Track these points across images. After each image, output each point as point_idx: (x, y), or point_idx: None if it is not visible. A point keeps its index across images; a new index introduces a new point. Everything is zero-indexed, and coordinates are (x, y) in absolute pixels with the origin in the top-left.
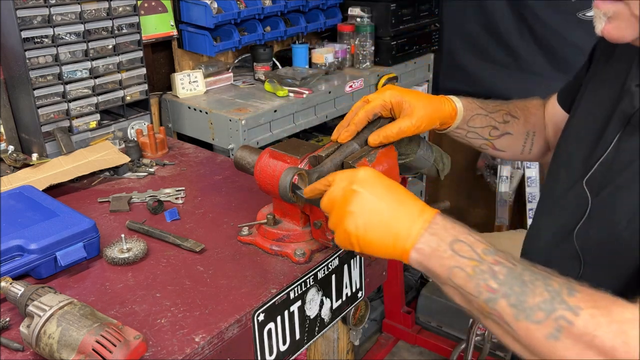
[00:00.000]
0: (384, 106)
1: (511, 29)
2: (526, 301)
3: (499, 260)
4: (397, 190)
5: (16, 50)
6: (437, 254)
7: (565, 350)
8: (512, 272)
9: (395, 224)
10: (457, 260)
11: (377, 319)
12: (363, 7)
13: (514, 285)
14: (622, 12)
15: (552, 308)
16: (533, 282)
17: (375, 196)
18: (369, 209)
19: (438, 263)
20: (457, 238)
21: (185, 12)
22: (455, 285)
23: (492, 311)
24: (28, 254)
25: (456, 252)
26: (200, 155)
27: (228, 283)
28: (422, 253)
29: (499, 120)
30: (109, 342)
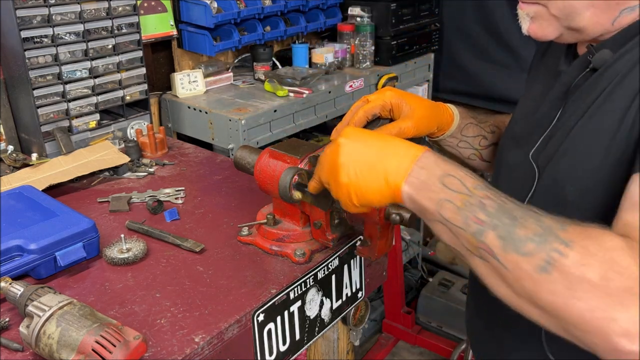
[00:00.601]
0: (384, 107)
1: (511, 28)
2: (515, 232)
3: (489, 195)
4: (382, 136)
5: (16, 50)
6: (427, 187)
7: (555, 284)
8: (502, 207)
9: (384, 163)
10: (447, 193)
11: (377, 319)
12: (363, 6)
13: (503, 218)
14: (542, 12)
15: (544, 240)
16: (524, 217)
17: (361, 143)
18: (357, 156)
19: (427, 196)
20: (448, 172)
21: (185, 12)
22: (443, 219)
23: (479, 244)
24: (28, 254)
25: (446, 185)
26: (200, 155)
27: (228, 283)
28: (413, 186)
29: (487, 130)
30: (108, 343)
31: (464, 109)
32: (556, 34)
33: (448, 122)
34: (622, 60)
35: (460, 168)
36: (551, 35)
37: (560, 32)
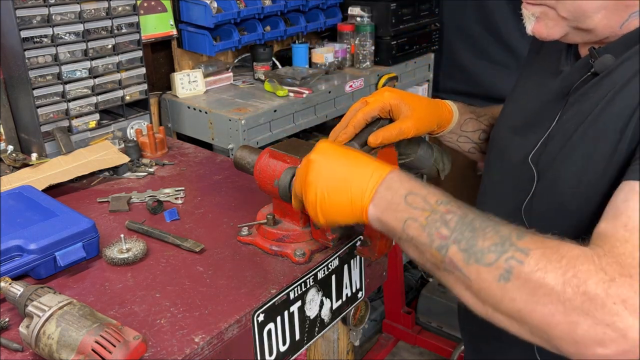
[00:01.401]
0: (383, 108)
1: (511, 28)
2: (476, 244)
3: (450, 209)
4: (353, 154)
5: (15, 50)
6: (392, 207)
7: (516, 291)
8: (463, 219)
9: (350, 183)
10: (411, 212)
11: (377, 319)
12: (363, 6)
13: (464, 231)
14: (548, 12)
15: (503, 250)
16: (483, 228)
17: (330, 161)
18: (325, 175)
19: (393, 216)
20: (411, 191)
21: (185, 12)
22: (409, 237)
23: (444, 259)
24: (27, 254)
25: (410, 204)
26: (200, 155)
27: (228, 283)
28: (378, 207)
29: (486, 124)
30: (108, 343)
31: (463, 105)
32: (562, 33)
33: (447, 119)
34: (623, 67)
35: (424, 185)
36: (557, 35)
37: (566, 31)
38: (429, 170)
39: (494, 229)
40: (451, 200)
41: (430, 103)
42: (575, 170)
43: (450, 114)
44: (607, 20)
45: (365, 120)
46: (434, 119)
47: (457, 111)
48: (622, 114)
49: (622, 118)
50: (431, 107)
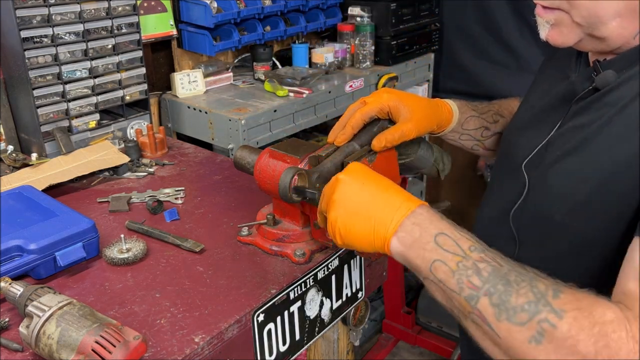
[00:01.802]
0: (382, 109)
1: (511, 28)
2: (509, 301)
3: (484, 258)
4: (382, 181)
5: (15, 50)
6: (419, 244)
7: (547, 355)
8: (497, 271)
9: (375, 211)
10: (440, 254)
11: (377, 319)
12: (363, 6)
13: (497, 284)
14: (563, 18)
15: (537, 310)
16: (518, 283)
17: (358, 184)
18: (350, 197)
19: (420, 255)
20: (442, 231)
21: (185, 12)
22: (436, 279)
23: (473, 310)
24: (27, 254)
25: (440, 245)
26: (200, 155)
27: (228, 283)
28: (404, 242)
29: (489, 121)
30: (108, 343)
31: (464, 103)
32: (576, 40)
33: (447, 119)
34: (625, 86)
35: (455, 227)
36: (571, 42)
37: (581, 38)
38: (429, 170)
39: (529, 284)
40: (485, 249)
41: (429, 103)
42: (564, 186)
43: (450, 113)
44: (621, 29)
45: (363, 121)
46: (434, 119)
47: (457, 110)
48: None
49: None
50: (430, 108)
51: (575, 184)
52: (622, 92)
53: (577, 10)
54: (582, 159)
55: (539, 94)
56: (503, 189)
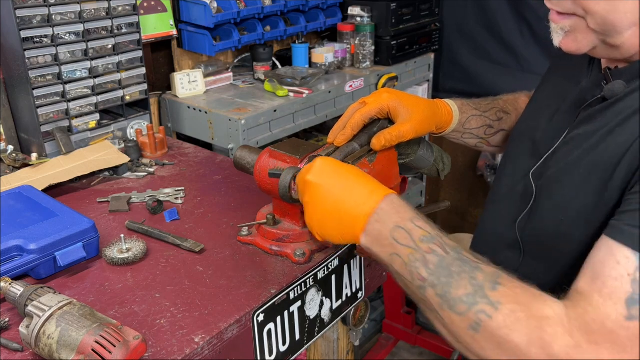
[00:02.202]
0: (381, 110)
1: (512, 28)
2: (450, 292)
3: (432, 248)
4: (349, 176)
5: (16, 50)
6: (380, 240)
7: (484, 342)
8: (442, 262)
9: (344, 212)
10: (395, 248)
11: (377, 319)
12: (363, 6)
13: (441, 276)
14: (579, 25)
15: (474, 301)
16: (459, 274)
17: (326, 184)
18: (320, 198)
19: (381, 250)
20: (398, 225)
21: (185, 12)
22: (394, 271)
23: (423, 297)
24: (27, 254)
25: (395, 239)
26: (200, 155)
27: (228, 283)
28: (369, 238)
29: (492, 119)
30: (108, 343)
31: (466, 102)
32: (590, 47)
33: (447, 120)
34: (632, 97)
35: (413, 218)
36: (585, 49)
37: (595, 45)
38: (429, 170)
39: (469, 275)
40: (435, 237)
41: (428, 105)
42: (569, 197)
43: (449, 115)
44: (635, 39)
45: (363, 122)
46: (433, 121)
47: (457, 111)
48: (618, 151)
49: (617, 155)
50: (430, 109)
51: (579, 196)
52: (628, 103)
53: (592, 17)
54: (585, 170)
55: (549, 95)
56: (510, 195)
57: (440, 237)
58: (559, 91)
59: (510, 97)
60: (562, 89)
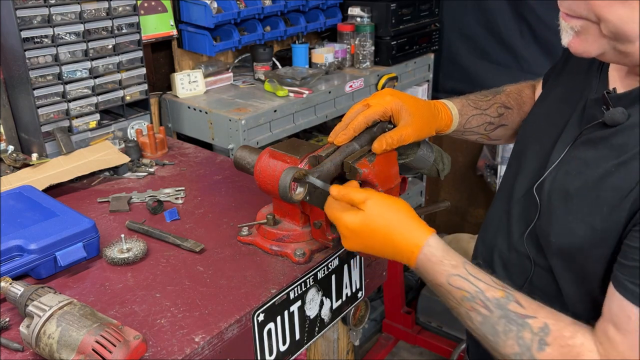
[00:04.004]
0: (384, 113)
1: (511, 28)
2: (498, 348)
3: (475, 307)
4: (388, 232)
5: (16, 50)
6: (436, 272)
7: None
8: (487, 320)
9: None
10: (444, 296)
11: (377, 319)
12: (363, 6)
13: (487, 334)
14: (589, 28)
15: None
16: (506, 333)
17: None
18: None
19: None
20: (437, 282)
21: (185, 12)
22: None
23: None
24: (28, 254)
25: (440, 294)
26: (200, 155)
27: (228, 283)
28: (425, 261)
29: (493, 115)
30: (108, 342)
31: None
32: (599, 52)
33: (446, 124)
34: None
35: (449, 275)
36: (594, 53)
37: (604, 50)
38: (429, 170)
39: (516, 335)
40: (477, 295)
41: (429, 108)
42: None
43: (449, 119)
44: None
45: (366, 124)
46: (433, 125)
47: (457, 115)
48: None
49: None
50: (430, 113)
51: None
52: (628, 137)
53: (605, 24)
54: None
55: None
56: (517, 208)
57: (481, 292)
58: (564, 100)
59: (514, 90)
60: (567, 99)
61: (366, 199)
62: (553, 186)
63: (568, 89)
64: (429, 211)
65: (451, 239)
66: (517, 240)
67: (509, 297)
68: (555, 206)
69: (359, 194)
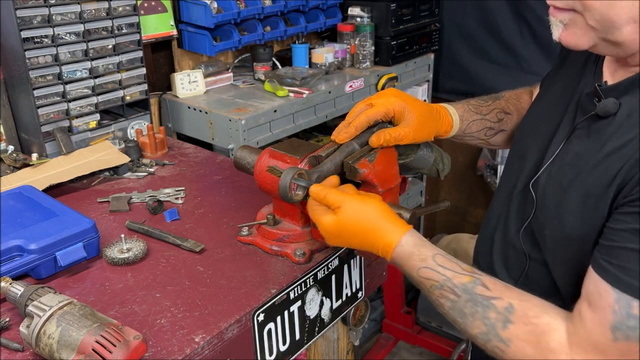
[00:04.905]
0: (387, 114)
1: (511, 28)
2: (467, 330)
3: (443, 294)
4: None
5: (16, 50)
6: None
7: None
8: (455, 305)
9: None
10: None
11: (377, 319)
12: (363, 6)
13: (456, 317)
14: (577, 20)
15: (488, 339)
16: (473, 315)
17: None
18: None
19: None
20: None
21: (185, 12)
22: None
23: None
24: (28, 254)
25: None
26: (200, 155)
27: (228, 283)
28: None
29: (493, 120)
30: (108, 342)
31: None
32: (590, 44)
33: (446, 130)
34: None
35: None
36: (584, 45)
37: (595, 42)
38: (429, 170)
39: (482, 316)
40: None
41: (431, 112)
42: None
43: (449, 125)
44: (635, 35)
45: (368, 123)
46: (433, 129)
47: (457, 121)
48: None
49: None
50: (432, 118)
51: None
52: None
53: (590, 13)
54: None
55: (551, 100)
56: (514, 202)
57: (449, 280)
58: (560, 96)
59: (513, 96)
60: (564, 95)
61: (341, 204)
62: (548, 181)
63: (564, 86)
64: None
65: (451, 239)
66: (513, 236)
67: (475, 282)
68: (550, 200)
69: (334, 197)
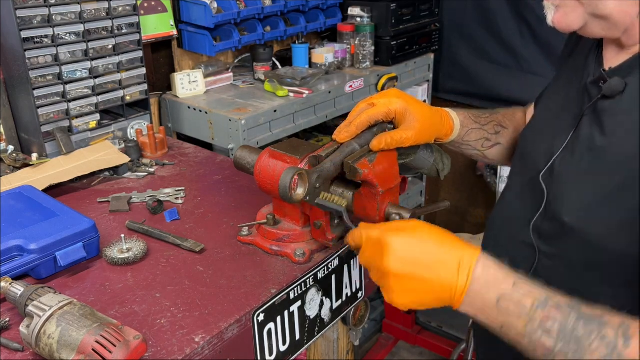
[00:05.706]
0: (388, 114)
1: (511, 29)
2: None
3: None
4: (428, 251)
5: (16, 50)
6: (484, 314)
7: None
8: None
9: (437, 293)
10: (506, 318)
11: (377, 319)
12: (363, 7)
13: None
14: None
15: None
16: (588, 336)
17: (408, 272)
18: (408, 288)
19: (488, 320)
20: (503, 295)
21: (185, 12)
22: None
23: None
24: (28, 254)
25: (503, 310)
26: (200, 155)
27: (228, 283)
28: (471, 310)
29: (490, 132)
30: (108, 342)
31: (467, 115)
32: (581, 22)
33: (447, 134)
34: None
35: (514, 283)
36: (575, 25)
37: (585, 20)
38: (429, 170)
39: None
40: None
41: (433, 115)
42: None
43: (450, 129)
44: (622, 6)
45: (369, 123)
46: (434, 132)
47: (458, 126)
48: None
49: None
50: (433, 120)
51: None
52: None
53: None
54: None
55: (555, 96)
56: (522, 198)
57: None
58: (565, 92)
59: (509, 112)
60: (568, 89)
61: (382, 253)
62: (561, 168)
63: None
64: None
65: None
66: (522, 231)
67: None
68: (567, 187)
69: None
